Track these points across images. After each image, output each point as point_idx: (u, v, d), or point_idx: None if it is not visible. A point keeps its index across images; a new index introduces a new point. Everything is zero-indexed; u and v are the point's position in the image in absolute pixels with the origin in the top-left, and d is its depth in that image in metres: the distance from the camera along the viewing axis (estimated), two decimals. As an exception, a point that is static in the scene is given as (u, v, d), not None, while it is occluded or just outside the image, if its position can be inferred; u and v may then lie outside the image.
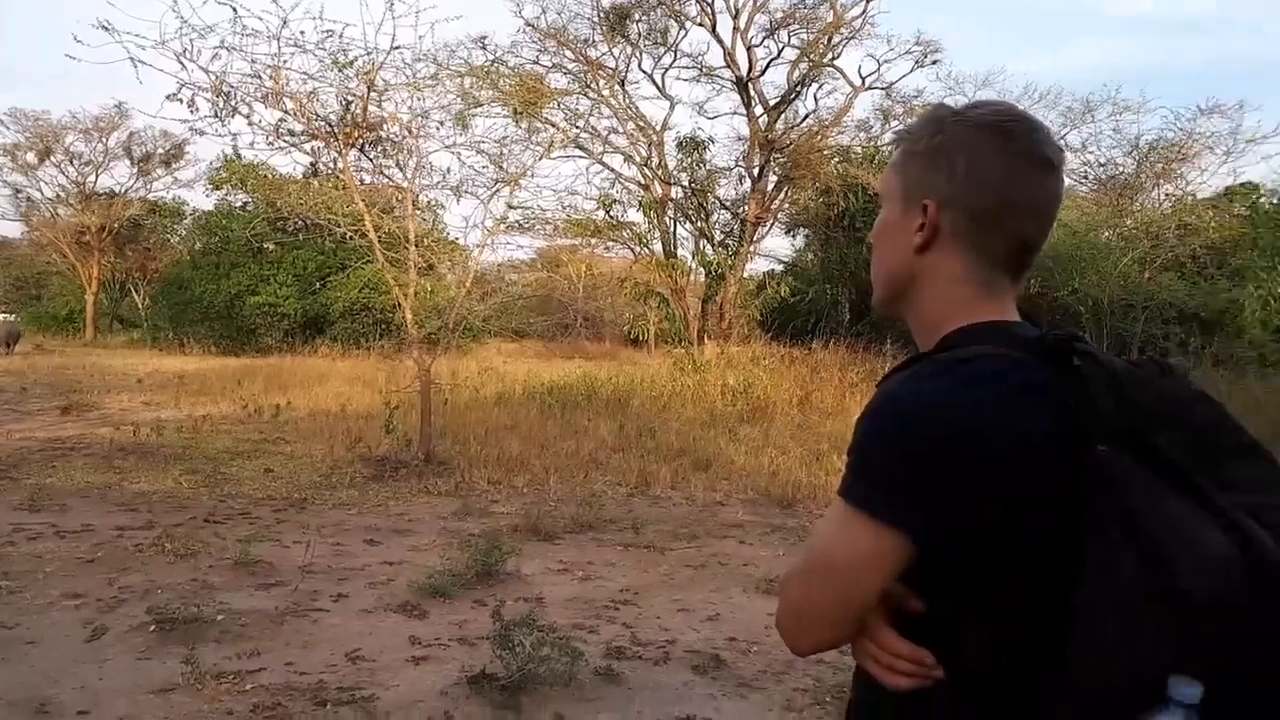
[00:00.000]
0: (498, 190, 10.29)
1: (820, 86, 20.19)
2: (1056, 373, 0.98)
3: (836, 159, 19.53)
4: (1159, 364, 1.04)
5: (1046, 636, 0.94)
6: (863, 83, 19.61)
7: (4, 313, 48.36)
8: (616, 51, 19.83)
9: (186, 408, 13.58)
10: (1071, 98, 32.45)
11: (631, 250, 21.34)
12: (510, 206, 10.38)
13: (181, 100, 8.56)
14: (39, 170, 39.80)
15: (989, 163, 1.08)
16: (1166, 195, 22.05)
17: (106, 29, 7.75)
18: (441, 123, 9.89)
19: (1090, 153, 24.18)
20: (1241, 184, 21.76)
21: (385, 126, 9.80)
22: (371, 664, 4.05)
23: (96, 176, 40.55)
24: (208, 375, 18.26)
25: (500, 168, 10.40)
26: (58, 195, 40.83)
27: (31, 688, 3.66)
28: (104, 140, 39.42)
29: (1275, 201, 19.87)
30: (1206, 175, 22.65)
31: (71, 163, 40.00)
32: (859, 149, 20.51)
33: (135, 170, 40.90)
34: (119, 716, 3.45)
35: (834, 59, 19.51)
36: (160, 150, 39.95)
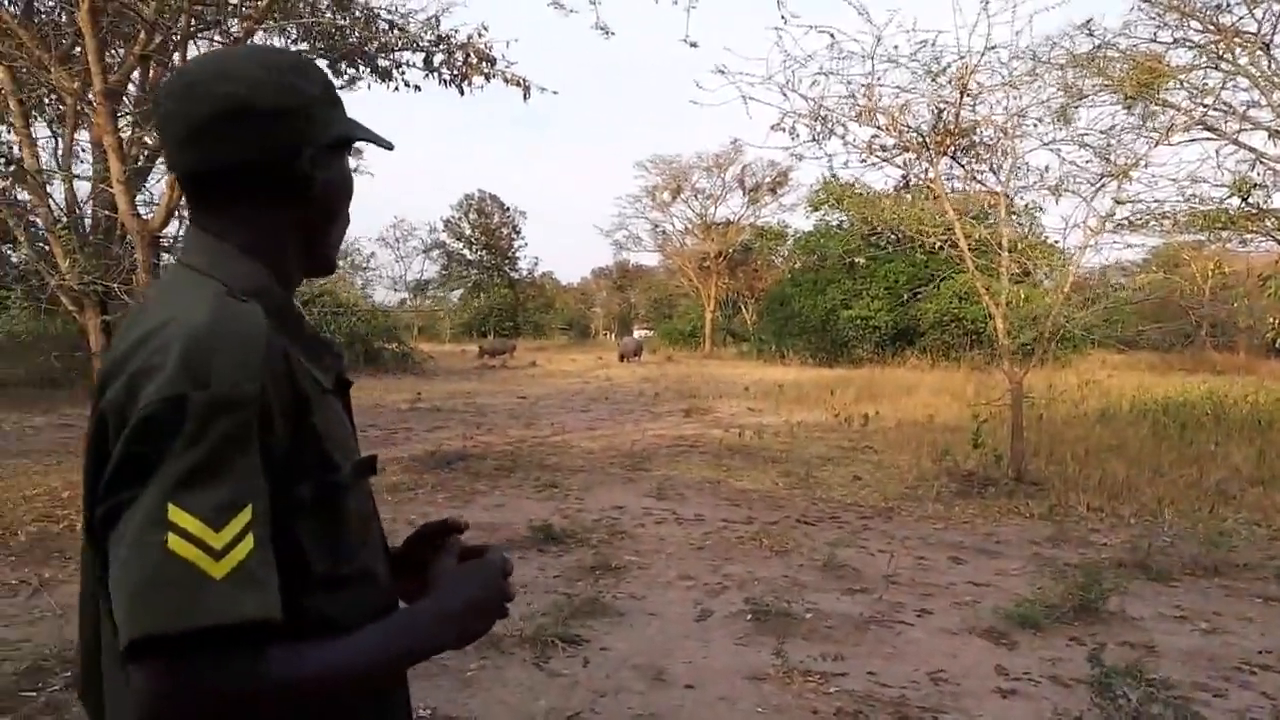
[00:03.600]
0: (1103, 185, 9.30)
1: None
2: None
3: None
4: None
5: None
6: None
7: (645, 329, 58.30)
8: (1260, 12, 16.72)
9: (784, 414, 14.66)
10: None
11: (1276, 241, 17.72)
12: (1118, 202, 9.29)
13: (784, 129, 9.24)
14: (671, 206, 47.03)
15: None
16: None
17: (722, 72, 8.67)
18: (1040, 120, 9.24)
19: None
20: None
21: (978, 131, 9.49)
22: (955, 688, 3.86)
23: (715, 208, 46.51)
24: (804, 385, 19.57)
25: (1107, 160, 9.38)
26: (685, 227, 47.81)
27: (651, 656, 4.16)
28: (722, 175, 45.03)
29: None
30: None
31: (696, 197, 46.44)
32: None
33: (746, 199, 45.97)
34: (719, 696, 3.75)
35: None
36: (767, 179, 44.38)
